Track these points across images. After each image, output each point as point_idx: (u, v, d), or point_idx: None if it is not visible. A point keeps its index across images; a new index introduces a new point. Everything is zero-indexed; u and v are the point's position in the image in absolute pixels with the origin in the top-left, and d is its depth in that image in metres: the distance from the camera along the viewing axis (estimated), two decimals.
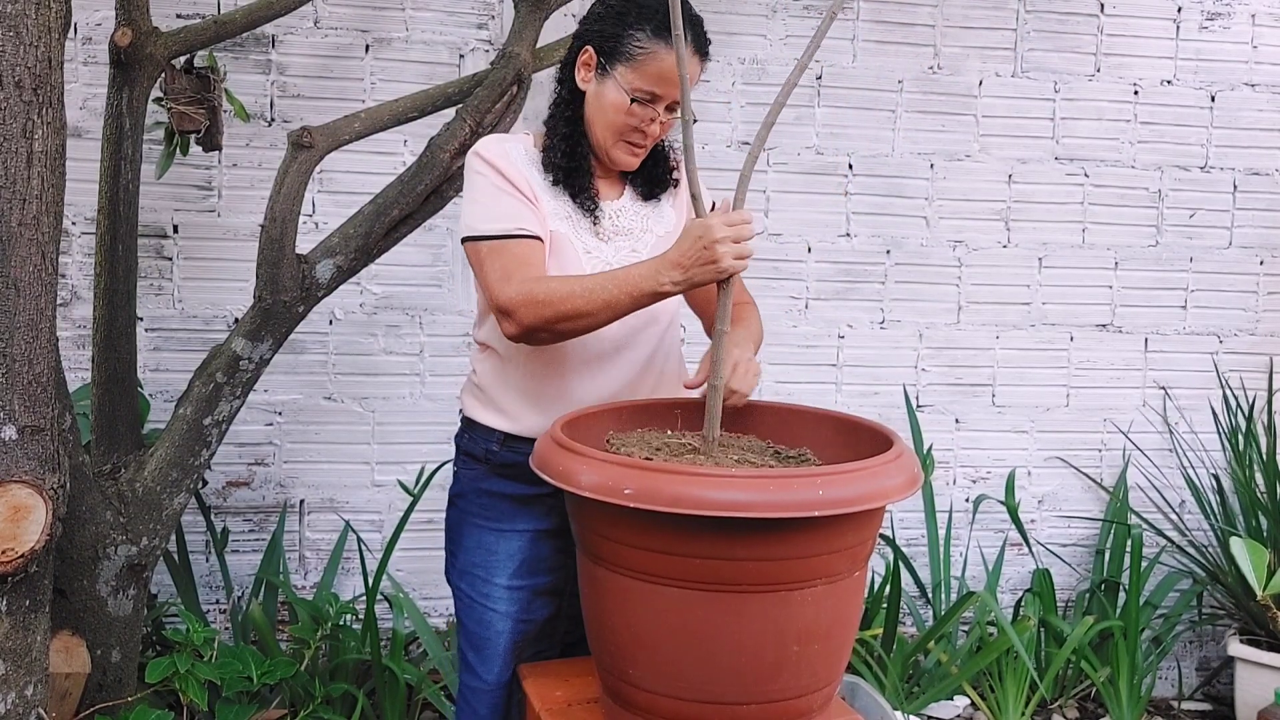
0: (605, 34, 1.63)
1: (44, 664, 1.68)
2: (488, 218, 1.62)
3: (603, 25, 1.64)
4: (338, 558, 2.76)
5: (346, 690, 2.38)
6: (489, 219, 1.62)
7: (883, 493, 1.30)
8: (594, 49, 1.64)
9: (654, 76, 1.61)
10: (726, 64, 2.88)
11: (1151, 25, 3.06)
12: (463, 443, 1.84)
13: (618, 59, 1.62)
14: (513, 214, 1.62)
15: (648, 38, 1.60)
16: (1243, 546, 2.72)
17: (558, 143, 1.68)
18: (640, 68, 1.61)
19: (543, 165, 1.69)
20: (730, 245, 1.43)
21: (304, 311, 2.15)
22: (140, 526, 2.02)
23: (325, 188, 2.72)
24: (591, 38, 1.65)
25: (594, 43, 1.64)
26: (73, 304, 2.64)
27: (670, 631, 1.31)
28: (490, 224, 1.61)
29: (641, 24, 1.60)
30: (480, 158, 1.65)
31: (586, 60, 1.66)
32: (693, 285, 1.48)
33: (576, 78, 1.68)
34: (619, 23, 1.62)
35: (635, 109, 1.62)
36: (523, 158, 1.68)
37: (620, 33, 1.61)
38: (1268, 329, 3.18)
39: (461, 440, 1.84)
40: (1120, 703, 2.83)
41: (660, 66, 1.60)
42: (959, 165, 3.00)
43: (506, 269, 1.58)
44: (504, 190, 1.63)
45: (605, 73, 1.63)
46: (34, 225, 1.56)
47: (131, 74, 2.12)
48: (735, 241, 1.43)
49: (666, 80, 1.60)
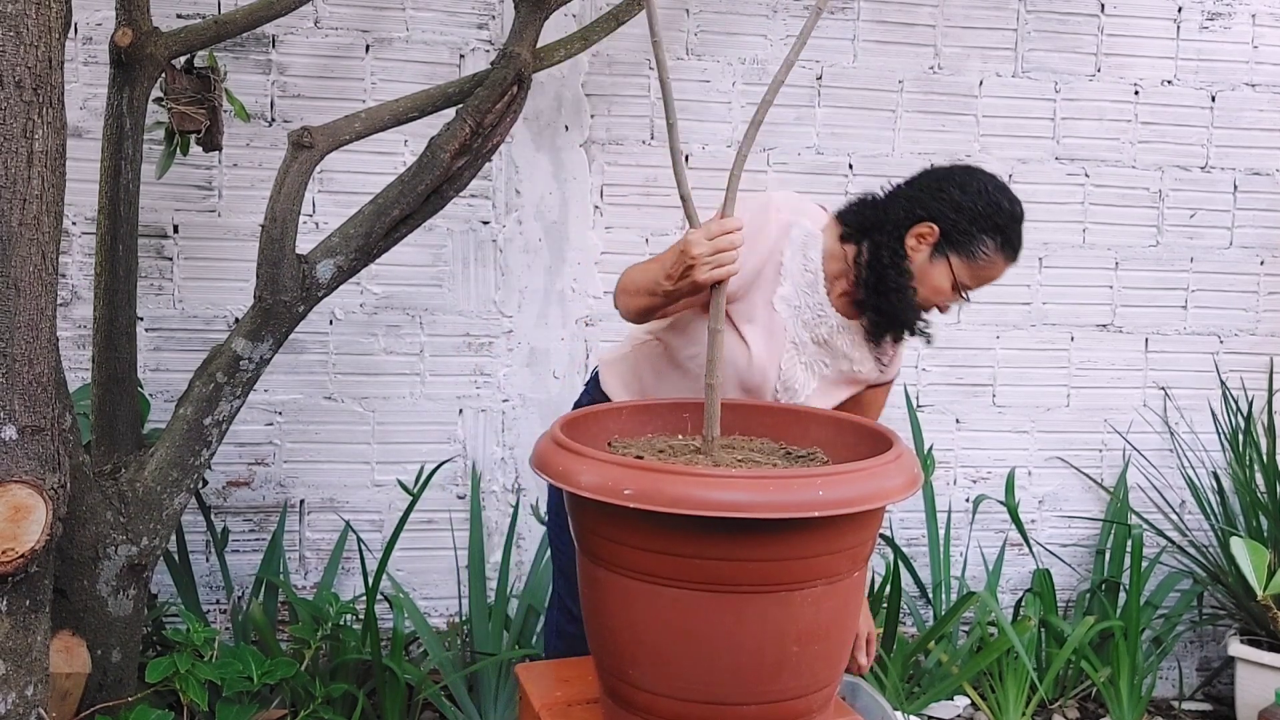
0: (958, 225, 1.74)
1: (44, 664, 1.67)
2: None
3: (958, 216, 1.74)
4: (338, 558, 2.76)
5: (347, 690, 2.38)
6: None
7: (883, 493, 1.30)
8: (940, 230, 1.74)
9: (981, 280, 1.78)
10: (727, 64, 2.88)
11: (1152, 25, 3.06)
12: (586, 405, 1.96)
13: (958, 250, 1.75)
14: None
15: (995, 249, 1.74)
16: (1243, 546, 2.72)
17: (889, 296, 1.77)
18: (975, 269, 1.76)
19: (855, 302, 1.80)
20: (708, 258, 1.48)
21: (304, 311, 2.15)
22: (140, 526, 2.02)
23: (325, 188, 2.72)
24: (941, 219, 1.75)
25: (942, 225, 1.74)
26: (73, 304, 2.64)
27: (670, 632, 1.31)
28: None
29: (994, 234, 1.74)
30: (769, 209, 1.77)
31: (925, 233, 1.76)
32: (680, 293, 1.58)
33: (907, 242, 1.76)
34: (974, 223, 1.73)
35: (951, 296, 1.78)
36: (801, 238, 1.79)
37: (973, 232, 1.74)
38: (1268, 329, 3.18)
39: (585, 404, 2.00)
40: (1121, 703, 2.83)
41: (991, 274, 1.78)
42: None
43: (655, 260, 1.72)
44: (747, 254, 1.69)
45: (940, 253, 1.76)
46: (34, 225, 1.56)
47: (132, 74, 2.12)
48: (715, 253, 1.47)
49: (985, 283, 1.79)
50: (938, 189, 1.78)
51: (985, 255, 1.74)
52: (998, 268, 1.77)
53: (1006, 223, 1.74)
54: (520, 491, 2.88)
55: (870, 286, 1.78)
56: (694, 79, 2.85)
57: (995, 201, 1.74)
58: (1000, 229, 1.74)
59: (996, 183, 1.78)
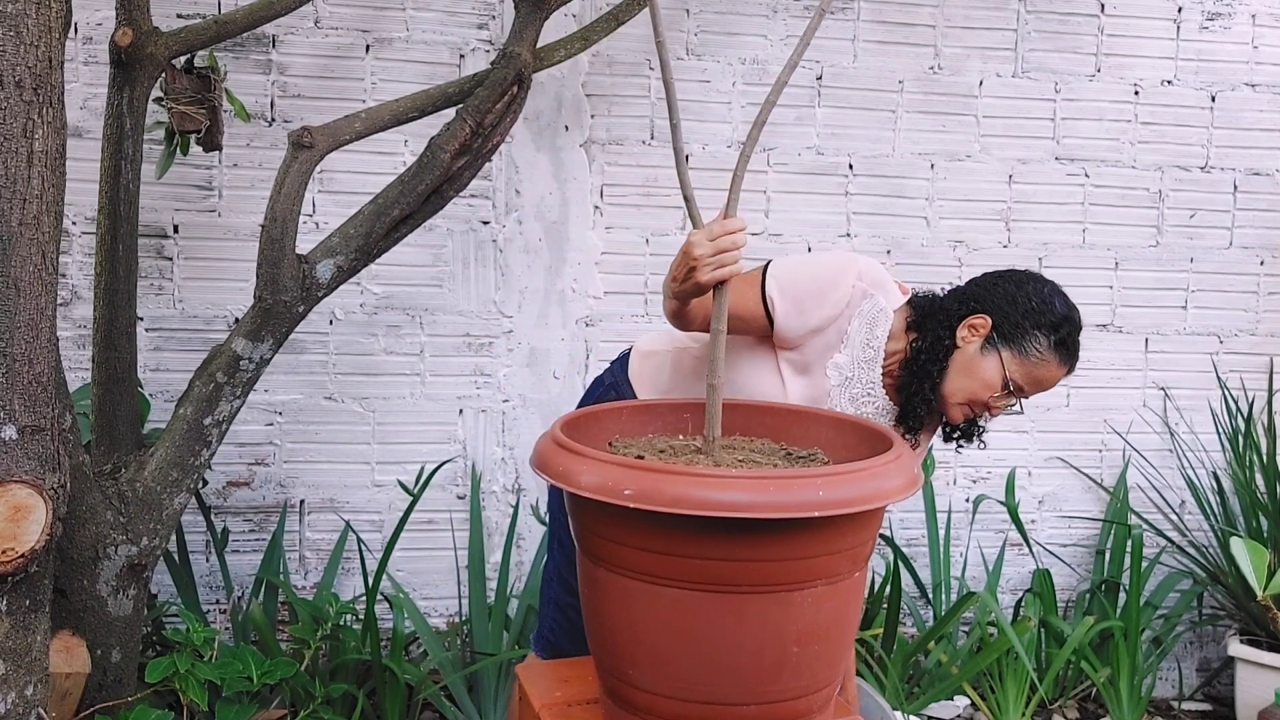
0: (1012, 319, 1.74)
1: (44, 664, 1.67)
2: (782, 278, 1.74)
3: (1012, 310, 1.74)
4: (338, 558, 2.76)
5: (346, 690, 2.38)
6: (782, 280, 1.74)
7: (883, 493, 1.30)
8: (993, 323, 1.74)
9: (1034, 380, 1.75)
10: (727, 64, 2.88)
11: (1152, 25, 3.06)
12: (608, 383, 2.00)
13: (1011, 345, 1.73)
14: (794, 303, 1.73)
15: (1047, 347, 1.73)
16: (1243, 547, 2.72)
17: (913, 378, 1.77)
18: (1027, 366, 1.73)
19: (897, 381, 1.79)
20: (709, 259, 1.46)
21: (304, 311, 2.15)
22: (140, 526, 2.02)
23: (325, 188, 2.72)
24: (995, 312, 1.75)
25: (995, 317, 1.74)
26: (73, 304, 2.64)
27: (670, 632, 1.31)
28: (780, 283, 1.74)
29: (1047, 332, 1.73)
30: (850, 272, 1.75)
31: (978, 324, 1.75)
32: (686, 295, 1.56)
33: (959, 332, 1.76)
34: (1029, 318, 1.73)
35: (1001, 394, 1.75)
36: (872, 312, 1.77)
37: (1027, 328, 1.73)
38: (1268, 329, 3.18)
39: (607, 382, 2.01)
40: (1120, 703, 2.83)
41: (1043, 375, 1.74)
42: (959, 165, 3.00)
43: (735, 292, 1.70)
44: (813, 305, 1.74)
45: (992, 346, 1.74)
46: (34, 225, 1.56)
47: (132, 74, 2.12)
48: (717, 253, 1.46)
49: (1040, 385, 1.75)
50: (994, 284, 1.79)
51: (1038, 353, 1.73)
52: (1050, 369, 1.74)
53: (1060, 322, 1.73)
54: (520, 492, 2.88)
55: (908, 368, 1.78)
56: (694, 79, 2.85)
57: (1049, 301, 1.74)
58: (1054, 327, 1.73)
59: (1055, 287, 1.78)
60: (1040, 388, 1.76)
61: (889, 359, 1.80)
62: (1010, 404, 1.78)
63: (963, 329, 1.76)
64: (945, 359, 1.76)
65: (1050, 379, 1.75)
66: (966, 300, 1.78)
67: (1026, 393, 1.77)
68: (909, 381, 1.78)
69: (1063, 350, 1.74)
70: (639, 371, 1.99)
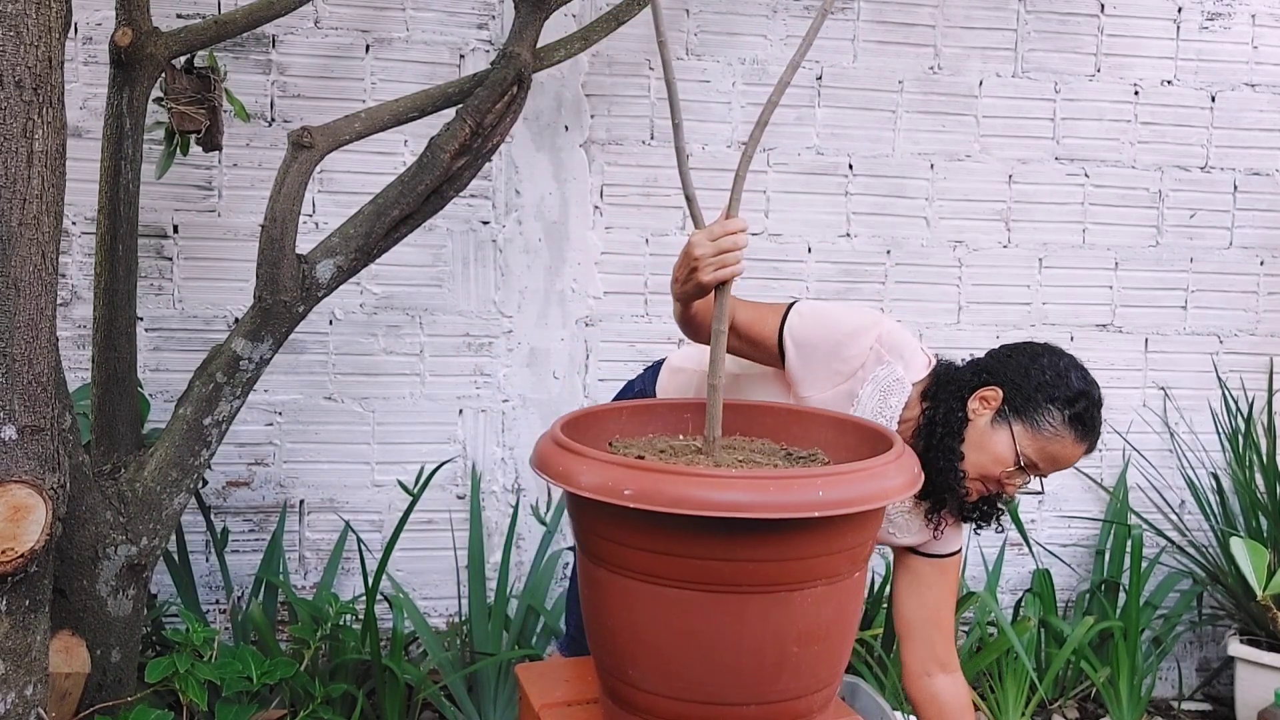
0: (1024, 392, 1.67)
1: (44, 664, 1.67)
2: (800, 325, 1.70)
3: (1025, 383, 1.68)
4: (338, 558, 2.76)
5: (346, 690, 2.38)
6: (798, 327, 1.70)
7: (883, 493, 1.30)
8: (1005, 395, 1.68)
9: (1048, 457, 1.67)
10: (726, 64, 2.88)
11: (1152, 25, 3.06)
12: (637, 390, 2.05)
13: (1024, 418, 1.67)
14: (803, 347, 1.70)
15: (1062, 423, 1.66)
16: (1243, 547, 2.72)
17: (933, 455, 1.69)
18: (1040, 441, 1.66)
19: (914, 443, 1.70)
20: (710, 259, 1.45)
21: (304, 311, 2.15)
22: (140, 526, 2.02)
23: (325, 188, 2.72)
24: (1007, 385, 1.69)
25: (1007, 390, 1.68)
26: (73, 304, 2.64)
27: (670, 632, 1.31)
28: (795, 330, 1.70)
29: (1063, 406, 1.66)
30: (869, 333, 1.70)
31: (989, 397, 1.69)
32: (689, 297, 1.54)
33: (970, 405, 1.70)
34: (1042, 392, 1.66)
35: (1014, 470, 1.67)
36: (888, 380, 1.71)
37: (1040, 401, 1.66)
38: (1268, 329, 3.18)
39: (636, 389, 2.06)
40: (1120, 703, 2.83)
41: (1058, 452, 1.66)
42: (959, 165, 3.00)
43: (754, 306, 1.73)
44: (825, 354, 1.71)
45: (1003, 419, 1.68)
46: (34, 225, 1.56)
47: (132, 74, 2.12)
48: (719, 253, 1.45)
49: (1055, 463, 1.67)
50: (1009, 356, 1.73)
51: (1051, 427, 1.65)
52: (1066, 445, 1.66)
53: (1075, 397, 1.66)
54: (520, 492, 2.88)
55: (923, 439, 1.71)
56: (694, 79, 2.85)
57: (1065, 375, 1.68)
58: (1069, 401, 1.66)
59: (1073, 361, 1.71)
60: (1056, 465, 1.68)
61: (902, 427, 1.74)
62: (1025, 481, 1.70)
63: (974, 400, 1.70)
64: (960, 431, 1.69)
65: (1067, 456, 1.67)
66: (980, 371, 1.73)
67: (1042, 470, 1.69)
68: (927, 455, 1.68)
69: (1078, 426, 1.66)
70: (665, 385, 1.99)
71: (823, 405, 1.71)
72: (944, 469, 1.69)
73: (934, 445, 1.70)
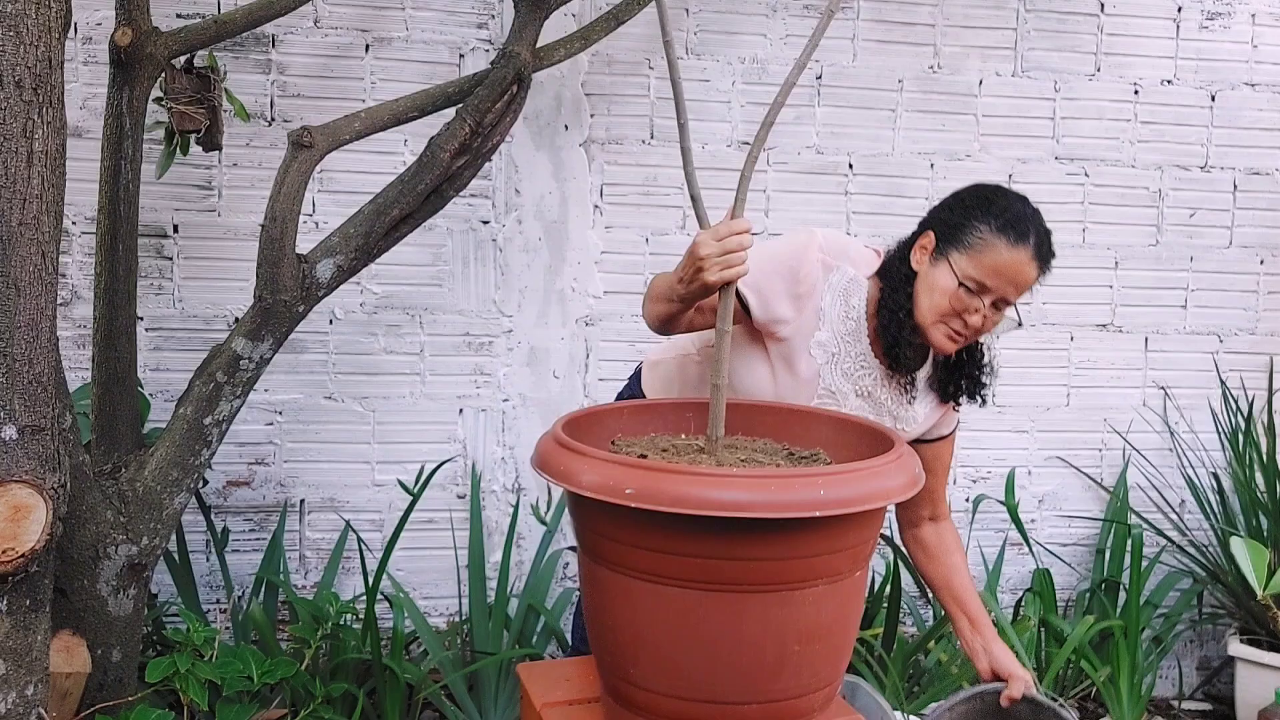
0: (949, 221, 1.72)
1: (44, 664, 1.67)
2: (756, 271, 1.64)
3: (949, 214, 1.73)
4: (338, 557, 2.76)
5: (347, 690, 2.38)
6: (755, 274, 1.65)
7: (884, 493, 1.30)
8: (935, 234, 1.73)
9: (987, 268, 1.67)
10: (726, 64, 2.88)
11: (1152, 25, 3.06)
12: (625, 398, 2.05)
13: (955, 245, 1.69)
14: (763, 291, 1.71)
15: (990, 231, 1.67)
16: (1243, 546, 2.72)
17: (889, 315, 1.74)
18: (976, 257, 1.67)
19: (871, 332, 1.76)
20: (716, 259, 1.45)
21: (304, 311, 2.15)
22: (140, 526, 2.02)
23: (325, 188, 2.72)
24: (936, 224, 1.74)
25: (936, 229, 1.73)
26: (73, 304, 2.64)
27: (672, 631, 1.31)
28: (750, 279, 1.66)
29: (987, 218, 1.68)
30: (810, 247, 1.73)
31: (925, 244, 1.74)
32: (693, 296, 1.55)
33: (912, 259, 1.74)
34: (966, 214, 1.70)
35: (961, 294, 1.68)
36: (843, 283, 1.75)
37: (964, 222, 1.69)
38: (1268, 329, 3.18)
39: (625, 398, 2.07)
40: (1120, 702, 2.83)
41: (997, 260, 1.66)
42: (959, 165, 3.00)
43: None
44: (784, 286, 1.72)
45: (940, 254, 1.71)
46: (34, 225, 1.56)
47: (131, 74, 2.12)
48: (724, 254, 1.45)
49: (999, 275, 1.66)
50: (938, 204, 1.78)
51: (980, 239, 1.66)
52: (1002, 252, 1.65)
53: (1002, 208, 1.68)
54: (520, 491, 2.88)
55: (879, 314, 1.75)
56: (694, 78, 2.85)
57: (985, 193, 1.72)
58: (995, 213, 1.67)
59: (1000, 187, 1.74)
60: (1008, 280, 1.66)
61: (872, 321, 1.78)
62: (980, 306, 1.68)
63: (914, 253, 1.74)
64: (909, 287, 1.72)
65: (1011, 266, 1.65)
66: (916, 231, 1.78)
67: (993, 288, 1.67)
68: (884, 325, 1.73)
69: (1009, 231, 1.66)
70: (650, 383, 2.02)
71: (797, 333, 1.75)
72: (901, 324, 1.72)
73: (887, 313, 1.74)
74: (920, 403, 1.86)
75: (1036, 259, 1.68)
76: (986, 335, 1.78)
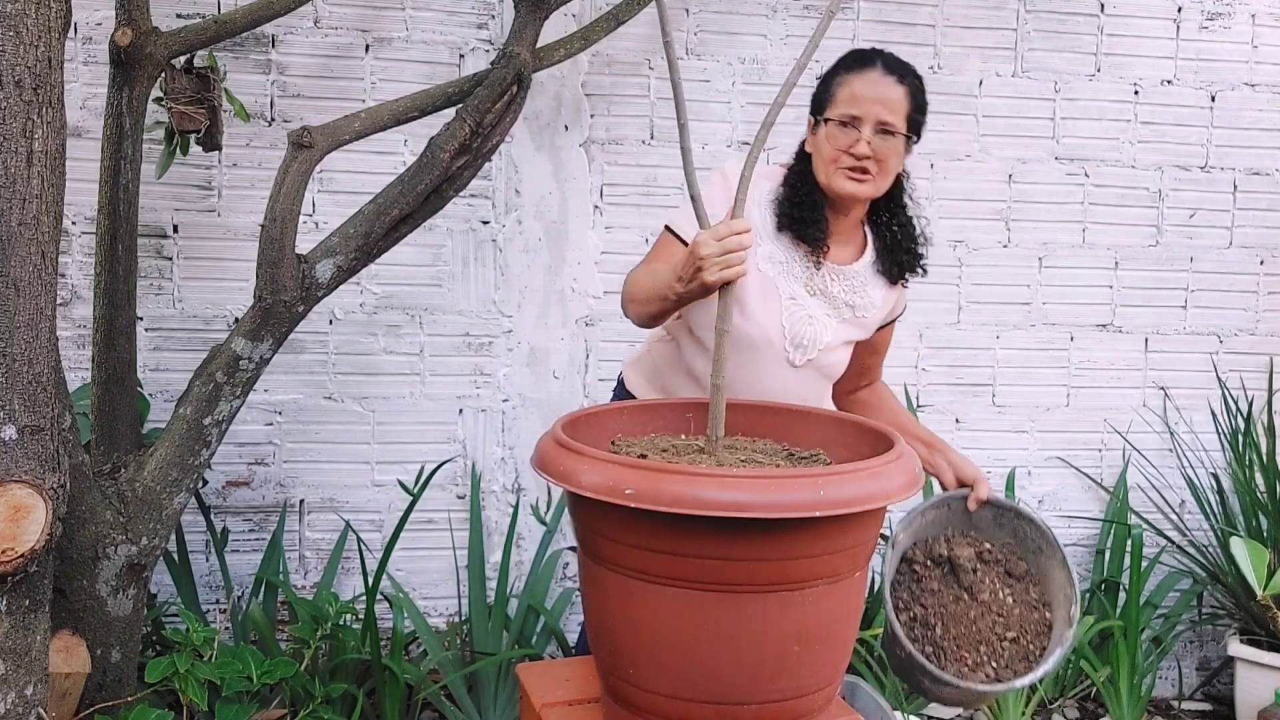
0: (816, 97, 1.86)
1: (44, 664, 1.67)
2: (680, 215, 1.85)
3: (815, 92, 1.87)
4: (338, 557, 2.76)
5: (346, 690, 2.38)
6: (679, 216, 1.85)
7: (884, 493, 1.30)
8: (811, 115, 1.87)
9: (847, 99, 1.79)
10: (726, 64, 2.87)
11: (1152, 25, 3.06)
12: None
13: (824, 107, 1.83)
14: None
15: (839, 73, 1.83)
16: (1243, 546, 2.72)
17: (789, 194, 1.87)
18: (836, 99, 1.81)
19: (775, 212, 1.88)
20: (715, 259, 1.49)
21: (304, 311, 2.15)
22: (140, 526, 2.02)
23: (325, 188, 2.72)
24: (810, 109, 1.87)
25: (811, 111, 1.87)
26: (73, 304, 2.63)
27: (671, 631, 1.31)
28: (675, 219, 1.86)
29: (835, 69, 1.85)
30: (722, 173, 1.85)
31: (809, 128, 1.88)
32: (691, 296, 1.59)
33: (805, 146, 1.88)
34: (823, 83, 1.86)
35: (836, 131, 1.79)
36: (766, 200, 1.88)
37: (823, 86, 1.85)
38: (1268, 329, 3.18)
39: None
40: (1120, 702, 2.83)
41: (851, 90, 1.79)
42: (959, 165, 3.00)
43: (651, 256, 1.89)
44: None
45: (818, 124, 1.84)
46: (34, 225, 1.56)
47: (131, 74, 2.12)
48: (724, 254, 1.49)
49: (860, 101, 1.78)
50: None
51: (835, 83, 1.82)
52: (852, 82, 1.79)
53: (844, 56, 1.84)
54: (520, 491, 2.88)
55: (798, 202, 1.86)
56: (693, 79, 2.85)
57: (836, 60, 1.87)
58: (839, 62, 1.84)
59: None
60: (866, 101, 1.78)
61: None
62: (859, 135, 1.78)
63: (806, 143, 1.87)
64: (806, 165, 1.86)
65: (863, 87, 1.78)
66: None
67: (861, 115, 1.78)
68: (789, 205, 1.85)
69: (854, 62, 1.81)
70: (636, 383, 2.05)
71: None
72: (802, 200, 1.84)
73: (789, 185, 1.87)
74: (873, 287, 1.94)
75: (890, 72, 1.80)
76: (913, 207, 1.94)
